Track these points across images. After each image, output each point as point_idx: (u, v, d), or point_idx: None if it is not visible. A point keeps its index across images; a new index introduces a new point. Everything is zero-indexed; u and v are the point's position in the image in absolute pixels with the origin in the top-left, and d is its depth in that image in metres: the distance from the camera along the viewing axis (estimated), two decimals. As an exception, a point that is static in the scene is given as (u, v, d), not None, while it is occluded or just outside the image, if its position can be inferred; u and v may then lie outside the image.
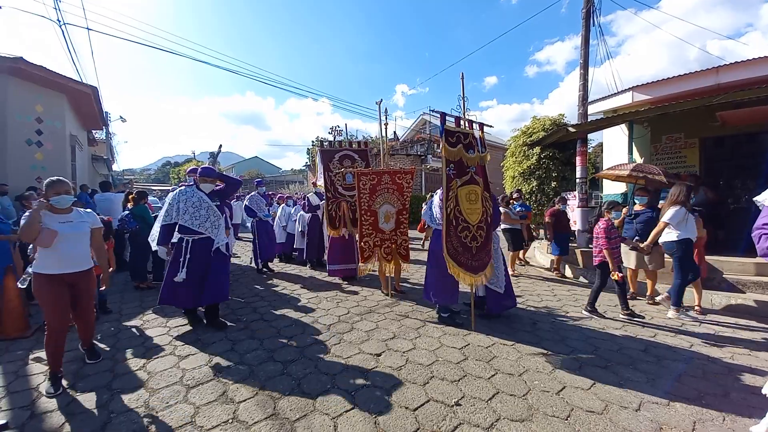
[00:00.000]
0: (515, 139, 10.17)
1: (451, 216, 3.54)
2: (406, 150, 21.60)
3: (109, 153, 20.10)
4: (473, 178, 3.70)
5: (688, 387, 2.58)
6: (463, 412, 2.25)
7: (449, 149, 3.54)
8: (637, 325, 3.87)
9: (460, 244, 3.57)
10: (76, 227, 2.67)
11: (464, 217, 3.60)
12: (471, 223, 3.63)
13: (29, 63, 7.06)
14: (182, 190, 3.66)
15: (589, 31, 7.17)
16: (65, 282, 2.63)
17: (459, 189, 3.60)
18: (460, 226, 3.58)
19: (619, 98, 7.72)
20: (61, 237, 2.54)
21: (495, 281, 3.94)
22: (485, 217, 3.72)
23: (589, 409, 2.28)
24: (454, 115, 3.76)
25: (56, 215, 2.60)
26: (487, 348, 3.21)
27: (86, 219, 2.79)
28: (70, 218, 2.67)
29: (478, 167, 3.80)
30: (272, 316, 4.08)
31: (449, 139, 3.56)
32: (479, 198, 3.71)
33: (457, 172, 3.60)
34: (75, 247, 2.66)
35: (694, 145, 7.24)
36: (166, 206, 3.69)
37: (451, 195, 3.55)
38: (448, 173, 3.55)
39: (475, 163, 3.74)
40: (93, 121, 11.84)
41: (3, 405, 2.34)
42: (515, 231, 6.57)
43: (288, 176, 32.87)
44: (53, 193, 2.58)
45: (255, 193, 6.62)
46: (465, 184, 3.64)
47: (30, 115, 7.62)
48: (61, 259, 2.58)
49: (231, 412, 2.26)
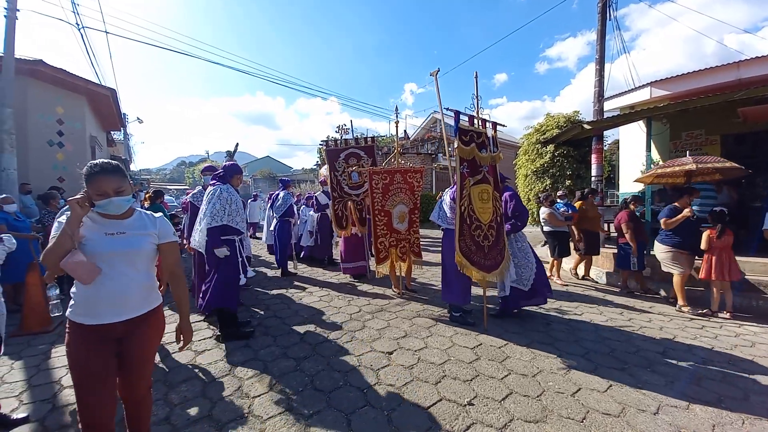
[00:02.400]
0: (528, 136, 10.02)
1: (465, 215, 3.54)
2: (416, 148, 21.51)
3: (127, 153, 20.66)
4: (486, 177, 3.69)
5: (708, 390, 2.51)
6: (476, 412, 2.24)
7: (463, 148, 3.53)
8: (652, 327, 3.78)
9: (474, 243, 3.57)
10: (130, 243, 1.59)
11: (477, 216, 3.60)
12: (483, 222, 3.63)
13: (49, 66, 7.27)
14: (225, 189, 3.41)
15: (605, 25, 7.02)
16: (110, 337, 1.57)
17: (472, 188, 3.60)
18: (474, 225, 3.58)
19: (636, 94, 7.54)
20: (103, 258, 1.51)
21: (519, 279, 3.91)
22: (496, 217, 3.72)
23: (606, 412, 2.24)
24: (468, 114, 3.75)
25: (102, 222, 1.58)
26: (499, 348, 3.18)
27: (150, 228, 1.69)
28: (124, 227, 1.61)
29: (490, 167, 3.78)
30: (285, 314, 4.13)
31: (463, 137, 3.55)
32: (491, 197, 3.70)
33: (470, 171, 3.60)
34: (126, 275, 1.56)
35: (716, 142, 7.03)
36: (211, 207, 3.30)
37: (464, 194, 3.55)
38: (462, 171, 3.54)
39: (487, 162, 3.73)
40: (112, 123, 12.17)
41: (25, 398, 2.42)
42: (562, 234, 5.63)
43: (299, 175, 33.15)
44: (95, 192, 1.51)
45: None
46: (478, 183, 3.63)
47: (51, 116, 7.88)
48: (102, 297, 1.52)
49: (246, 407, 2.30)
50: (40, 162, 7.56)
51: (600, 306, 4.48)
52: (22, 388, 2.54)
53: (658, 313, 4.22)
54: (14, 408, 2.29)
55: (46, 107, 7.81)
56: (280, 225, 6.10)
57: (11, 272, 3.55)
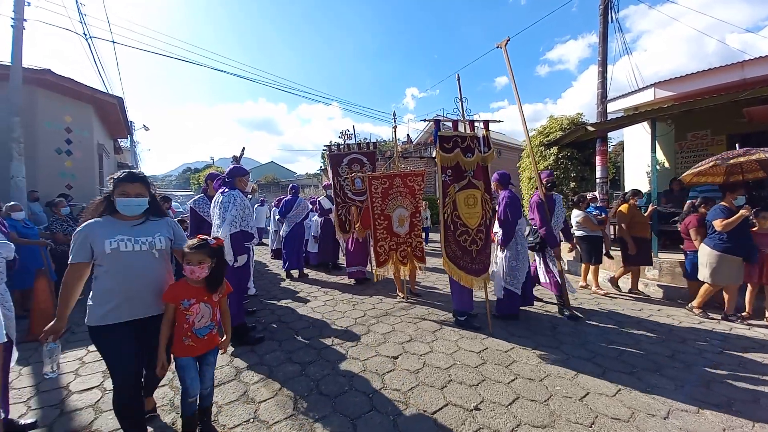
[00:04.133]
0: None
1: (448, 221, 3.66)
2: (419, 152, 21.55)
3: (133, 160, 20.88)
4: (471, 182, 3.74)
5: (718, 394, 2.48)
6: (482, 417, 2.22)
7: (443, 155, 3.63)
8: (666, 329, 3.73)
9: (459, 248, 3.66)
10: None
11: (463, 222, 3.68)
12: (470, 227, 3.70)
13: (57, 75, 7.38)
14: (237, 195, 3.31)
15: (608, 27, 7.00)
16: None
17: (457, 194, 3.68)
18: (459, 231, 3.67)
19: (640, 95, 7.50)
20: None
21: (513, 282, 3.95)
22: (485, 221, 3.77)
23: (615, 417, 2.21)
24: (451, 119, 3.84)
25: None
26: (506, 352, 3.16)
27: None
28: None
29: (479, 169, 3.79)
30: (290, 318, 4.13)
31: (444, 145, 3.65)
32: (478, 202, 3.75)
33: (453, 177, 3.69)
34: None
35: (721, 143, 6.96)
36: (230, 215, 3.19)
37: (448, 201, 3.66)
38: (444, 180, 3.67)
39: (473, 166, 3.75)
40: (119, 130, 12.32)
41: (33, 404, 2.43)
42: (596, 240, 5.24)
43: (303, 180, 33.32)
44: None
45: None
46: (463, 188, 3.71)
47: (60, 124, 7.99)
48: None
49: (252, 412, 2.29)
50: (48, 169, 7.66)
51: (620, 312, 4.43)
52: (30, 393, 2.56)
53: (668, 315, 4.17)
54: (22, 414, 2.31)
55: (55, 116, 7.92)
56: (294, 229, 6.20)
57: (20, 278, 3.60)
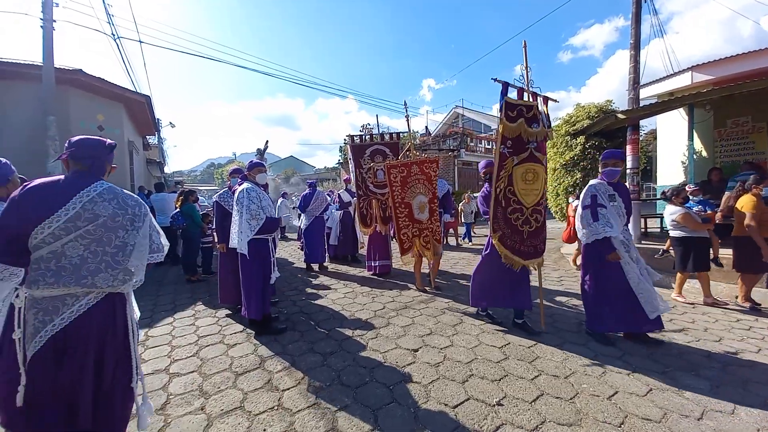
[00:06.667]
0: (556, 128, 9.63)
1: (500, 197, 3.32)
2: (438, 144, 21.27)
3: (161, 156, 21.71)
4: (533, 155, 3.34)
5: (753, 394, 2.35)
6: (505, 413, 2.18)
7: (508, 125, 3.23)
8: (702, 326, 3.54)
9: (509, 226, 3.35)
10: None
11: (518, 198, 3.34)
12: (526, 205, 3.36)
13: (88, 75, 7.69)
14: (251, 189, 3.36)
15: (640, 6, 6.57)
16: None
17: (515, 168, 3.33)
18: (511, 208, 3.34)
19: (676, 80, 7.08)
20: None
21: None
22: (542, 200, 3.44)
23: (646, 417, 2.12)
24: (517, 86, 3.37)
25: None
26: (529, 348, 3.09)
27: None
28: None
29: (541, 143, 3.40)
30: (311, 309, 4.21)
31: (509, 113, 3.22)
32: (539, 177, 3.36)
33: (513, 150, 3.32)
34: None
35: (763, 130, 6.49)
36: (246, 210, 3.24)
37: (503, 174, 3.30)
38: (502, 151, 3.29)
39: (540, 137, 3.36)
40: (147, 128, 12.80)
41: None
42: (701, 241, 4.21)
43: (322, 174, 33.68)
44: None
45: None
46: (522, 162, 3.35)
47: (93, 123, 8.39)
48: None
49: (276, 399, 2.36)
50: (83, 166, 8.05)
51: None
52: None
53: (703, 313, 3.95)
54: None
55: (88, 114, 8.30)
56: (313, 222, 6.28)
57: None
